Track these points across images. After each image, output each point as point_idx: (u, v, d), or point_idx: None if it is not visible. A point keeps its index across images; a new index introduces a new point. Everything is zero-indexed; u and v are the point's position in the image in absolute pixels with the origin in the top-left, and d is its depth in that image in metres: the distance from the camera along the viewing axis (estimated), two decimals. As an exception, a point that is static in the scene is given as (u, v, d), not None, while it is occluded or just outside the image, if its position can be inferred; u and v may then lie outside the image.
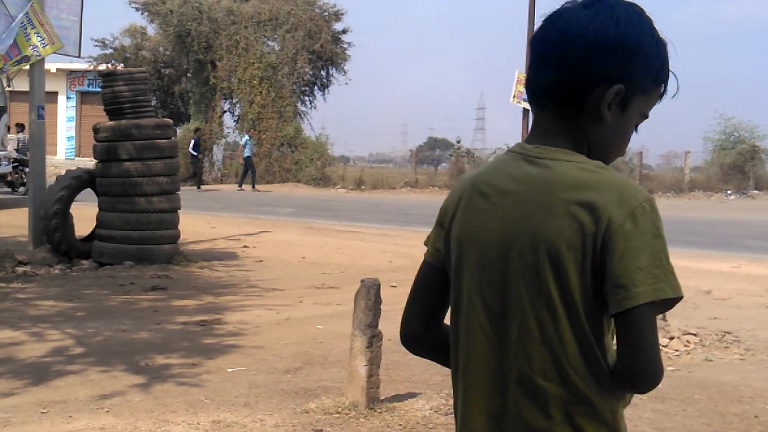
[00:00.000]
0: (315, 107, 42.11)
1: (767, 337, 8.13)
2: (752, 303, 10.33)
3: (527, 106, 34.77)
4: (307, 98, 41.08)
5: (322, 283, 11.35)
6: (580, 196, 1.48)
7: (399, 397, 5.75)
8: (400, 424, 5.22)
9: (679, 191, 35.06)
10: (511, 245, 1.54)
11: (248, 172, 31.34)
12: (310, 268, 12.88)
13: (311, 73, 40.06)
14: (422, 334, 1.79)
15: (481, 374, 1.61)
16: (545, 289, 1.50)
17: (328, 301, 9.93)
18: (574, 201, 1.48)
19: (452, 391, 1.73)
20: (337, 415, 5.33)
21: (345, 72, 41.41)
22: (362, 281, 5.53)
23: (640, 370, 1.51)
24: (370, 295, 5.43)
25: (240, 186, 31.12)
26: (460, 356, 1.66)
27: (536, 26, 1.64)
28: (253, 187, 30.93)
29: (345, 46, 41.15)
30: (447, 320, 1.81)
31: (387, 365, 6.11)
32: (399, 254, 14.48)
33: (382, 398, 5.57)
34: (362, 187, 35.05)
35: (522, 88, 34.88)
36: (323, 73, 41.09)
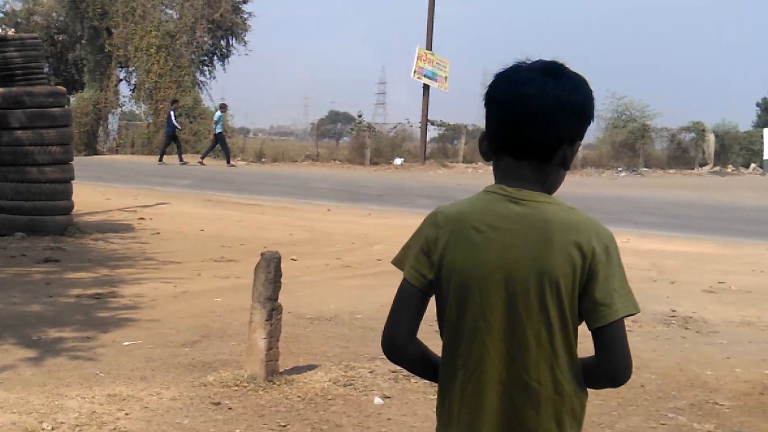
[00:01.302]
0: (214, 78, 41.57)
1: (654, 310, 8.49)
2: (640, 277, 10.73)
3: (428, 82, 35.10)
4: (206, 68, 40.47)
5: (221, 256, 11.26)
6: (573, 237, 1.83)
7: (298, 370, 5.79)
8: (299, 396, 5.27)
9: (572, 168, 35.98)
10: (512, 273, 1.85)
11: (213, 148, 30.98)
12: (209, 241, 12.75)
13: (210, 42, 39.44)
14: (405, 346, 2.03)
15: (490, 381, 1.88)
16: (545, 311, 1.83)
17: (227, 275, 9.87)
18: (569, 241, 1.83)
19: (440, 395, 2.04)
20: (236, 388, 5.33)
21: (245, 42, 40.94)
22: (262, 254, 5.53)
23: (624, 369, 1.90)
24: (270, 268, 5.44)
25: (202, 159, 30.61)
26: (463, 368, 1.93)
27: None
28: (228, 162, 30.53)
29: (245, 15, 40.64)
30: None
31: (286, 338, 6.13)
32: (299, 228, 14.47)
33: (281, 371, 5.60)
34: (263, 159, 34.75)
35: (422, 64, 35.17)
36: (223, 42, 40.52)
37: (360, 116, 38.37)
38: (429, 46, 35.84)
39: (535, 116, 1.86)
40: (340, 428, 4.78)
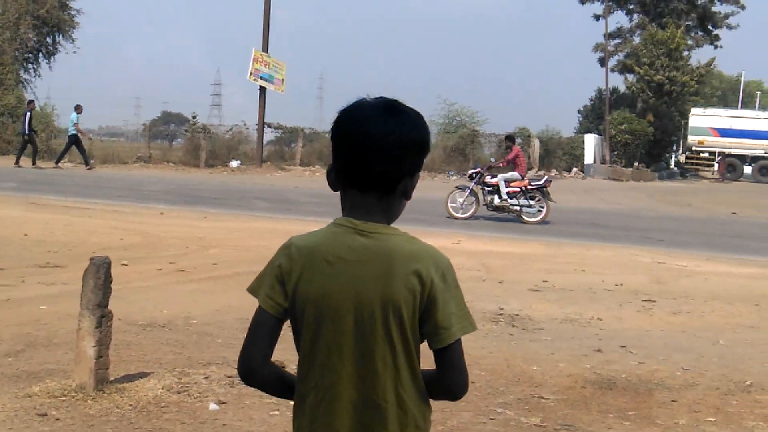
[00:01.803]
0: (40, 76, 39.86)
1: (482, 308, 8.81)
2: (470, 277, 11.10)
3: (264, 84, 34.90)
4: (30, 66, 38.72)
5: (46, 261, 10.79)
6: (412, 266, 1.98)
7: (129, 377, 5.65)
8: (131, 405, 5.14)
9: (408, 171, 36.68)
10: (360, 302, 1.99)
11: (67, 149, 30.10)
12: (34, 246, 12.18)
13: (35, 39, 37.75)
14: (261, 370, 2.14)
15: (342, 402, 2.02)
16: (389, 335, 1.98)
17: (54, 281, 9.47)
18: (409, 271, 1.98)
19: (294, 414, 2.12)
20: (63, 398, 5.14)
21: (73, 40, 39.47)
22: (91, 259, 5.36)
23: (462, 385, 2.11)
24: (100, 273, 5.28)
25: (56, 163, 29.51)
26: (314, 389, 2.05)
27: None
28: (87, 164, 29.64)
29: (73, 12, 39.12)
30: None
31: (117, 345, 5.97)
32: (131, 231, 14.07)
33: (111, 379, 5.44)
34: (91, 161, 33.49)
35: (258, 66, 34.95)
36: (49, 39, 38.89)
37: (194, 117, 37.72)
38: (265, 48, 35.67)
39: (379, 153, 2.00)
40: (174, 435, 4.71)
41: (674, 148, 56.25)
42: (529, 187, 19.20)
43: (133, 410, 5.06)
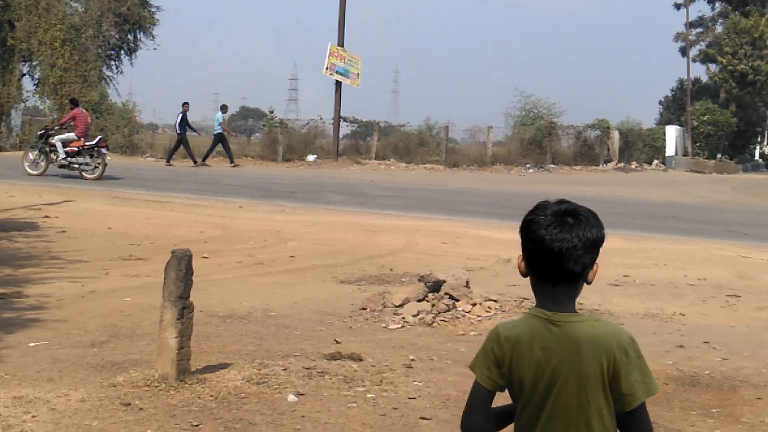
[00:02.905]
0: (122, 72, 40.75)
1: (560, 303, 8.71)
2: (547, 271, 10.98)
3: (340, 78, 35.13)
4: (113, 63, 39.62)
5: (129, 254, 11.06)
6: (599, 349, 2.36)
7: (210, 369, 5.74)
8: (212, 395, 5.22)
9: (482, 164, 36.50)
10: (560, 378, 2.38)
11: (214, 149, 31.48)
12: (117, 239, 12.50)
13: (117, 36, 38.60)
14: (480, 429, 2.52)
15: None
16: (588, 403, 2.38)
17: (136, 273, 9.70)
18: (598, 352, 2.36)
19: None
20: (146, 388, 5.26)
21: (153, 37, 40.23)
22: (173, 252, 5.46)
23: None
24: (181, 266, 5.37)
25: (203, 160, 30.85)
26: None
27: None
28: (200, 161, 30.73)
29: (153, 9, 39.90)
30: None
31: (198, 337, 6.07)
32: (210, 225, 14.31)
33: (192, 370, 5.54)
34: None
35: (334, 60, 35.14)
36: (130, 37, 39.71)
37: (272, 112, 38.09)
38: (341, 43, 35.84)
39: (566, 256, 2.37)
40: (253, 426, 4.76)
41: (758, 139, 54.64)
42: (85, 146, 21.74)
43: (214, 400, 5.14)
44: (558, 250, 2.37)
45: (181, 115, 30.15)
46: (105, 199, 17.39)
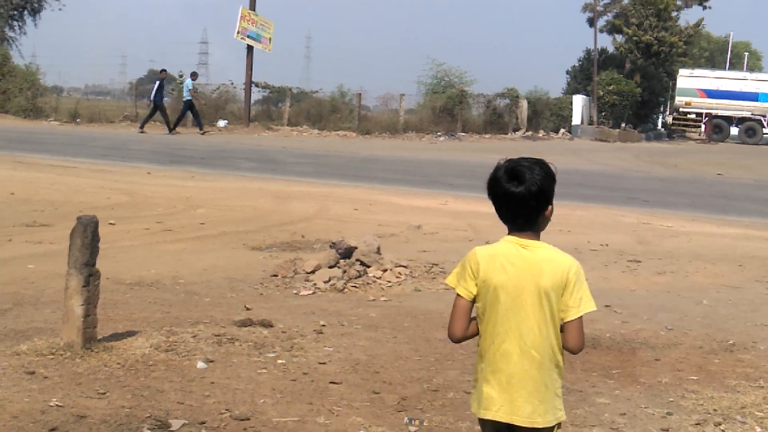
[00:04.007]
0: (25, 33, 39.47)
1: (468, 268, 8.86)
2: (457, 237, 11.16)
3: (251, 43, 34.63)
4: (15, 23, 38.25)
5: (33, 220, 10.76)
6: (556, 268, 2.97)
7: (117, 336, 5.66)
8: (119, 363, 5.16)
9: (395, 132, 36.62)
10: (523, 290, 2.96)
11: (184, 115, 31.18)
12: (20, 204, 12.15)
13: (20, -5, 37.21)
14: (461, 338, 3.12)
15: (511, 352, 2.99)
16: (544, 310, 2.96)
17: (41, 240, 9.46)
18: (554, 270, 2.97)
19: (478, 360, 3.09)
20: (51, 357, 5.16)
21: (58, -3, 38.93)
22: (78, 218, 5.35)
23: (581, 346, 3.02)
24: (87, 232, 5.27)
25: (174, 128, 30.30)
26: (492, 345, 3.02)
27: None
28: (172, 129, 30.25)
29: (58, -32, 38.55)
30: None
31: (104, 304, 5.98)
32: (118, 191, 14.03)
33: (99, 338, 5.45)
34: (77, 120, 33.25)
35: (246, 24, 34.61)
36: (34, -4, 38.36)
37: (181, 76, 37.36)
38: (252, 7, 35.30)
39: (521, 203, 2.97)
40: (161, 393, 4.74)
41: (661, 109, 56.22)
42: None
43: (122, 368, 5.09)
44: (512, 203, 2.98)
45: (158, 82, 30.14)
46: (7, 164, 16.84)
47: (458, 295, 3.07)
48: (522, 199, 2.97)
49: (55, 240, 9.06)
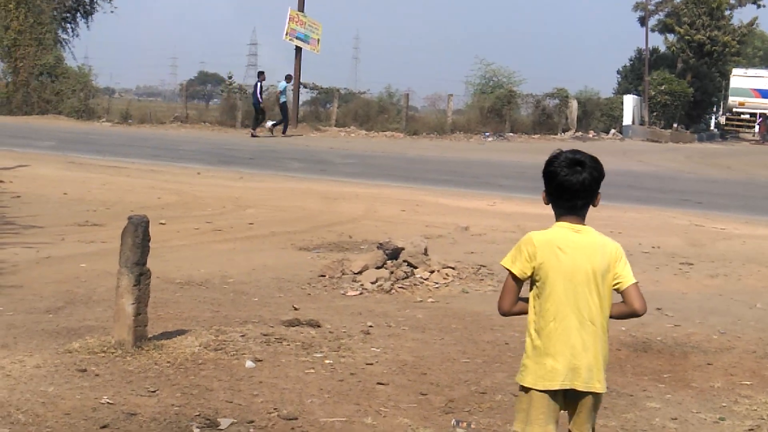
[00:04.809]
0: (78, 35, 40.09)
1: (517, 270, 8.79)
2: (504, 238, 11.08)
3: (300, 44, 34.79)
4: (69, 25, 38.91)
5: (85, 220, 10.94)
6: (605, 250, 3.31)
7: (167, 335, 5.72)
8: (169, 361, 5.21)
9: (442, 132, 36.52)
10: (578, 270, 3.27)
11: (281, 119, 31.25)
12: (73, 204, 12.35)
13: (73, -1, 37.87)
14: (509, 313, 3.42)
15: (571, 326, 3.28)
16: (597, 289, 3.27)
17: (93, 239, 9.61)
18: (604, 253, 3.30)
19: (535, 337, 3.33)
20: (103, 355, 5.23)
21: (110, -1, 39.52)
22: (129, 218, 5.41)
23: (645, 306, 3.35)
24: (138, 232, 5.33)
25: (253, 130, 30.56)
26: (553, 320, 3.29)
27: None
28: (284, 132, 30.78)
29: (110, -29, 39.14)
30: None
31: (155, 303, 6.04)
32: (168, 191, 14.19)
33: (149, 336, 5.52)
34: (129, 121, 33.71)
35: (294, 25, 34.78)
36: (87, -1, 39.01)
37: (230, 77, 37.74)
38: (301, 8, 35.45)
39: (577, 194, 3.30)
40: (210, 392, 4.77)
41: (714, 109, 55.33)
42: None
43: (171, 367, 5.14)
44: (572, 190, 3.29)
45: (259, 84, 30.71)
46: (60, 164, 17.14)
47: (511, 273, 3.35)
48: (582, 185, 3.29)
49: (107, 239, 9.19)
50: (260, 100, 30.73)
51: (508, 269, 3.38)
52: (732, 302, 8.03)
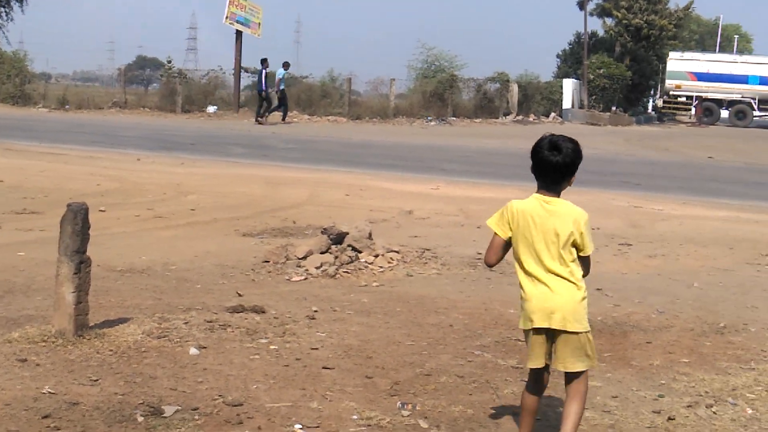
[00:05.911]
0: (12, 20, 39.19)
1: (461, 253, 8.87)
2: (448, 222, 11.16)
3: (240, 27, 34.48)
4: (2, 9, 37.99)
5: (23, 208, 10.72)
6: (572, 218, 3.87)
7: (109, 323, 5.65)
8: (111, 350, 5.15)
9: (385, 117, 36.57)
10: (547, 233, 3.85)
11: (279, 106, 31.49)
12: (10, 192, 12.10)
13: (6, -19, 36.95)
14: (496, 263, 4.11)
15: (542, 278, 3.89)
16: (565, 248, 3.85)
17: (31, 227, 9.42)
18: (571, 221, 3.86)
19: (520, 286, 3.98)
20: (43, 344, 5.15)
21: (45, -18, 38.71)
22: (68, 205, 5.32)
23: (587, 273, 3.97)
24: (78, 219, 5.25)
25: (259, 118, 30.52)
26: (527, 274, 3.93)
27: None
28: (284, 119, 30.96)
29: (44, -47, 38.25)
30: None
31: (96, 291, 5.96)
32: (107, 177, 13.98)
33: (91, 325, 5.44)
34: (66, 106, 33.11)
35: (234, 9, 34.42)
36: (21, -18, 38.09)
37: (170, 62, 37.24)
38: (241, -8, 35.10)
39: (555, 168, 3.88)
40: (154, 380, 4.73)
41: (652, 92, 56.29)
42: None
43: (114, 355, 5.08)
44: (551, 169, 3.87)
45: (264, 71, 30.64)
46: (-5, 152, 16.75)
47: (496, 234, 4.00)
48: (556, 166, 3.87)
49: (46, 227, 9.02)
50: (264, 87, 30.62)
51: (492, 229, 4.03)
52: (670, 282, 8.21)
